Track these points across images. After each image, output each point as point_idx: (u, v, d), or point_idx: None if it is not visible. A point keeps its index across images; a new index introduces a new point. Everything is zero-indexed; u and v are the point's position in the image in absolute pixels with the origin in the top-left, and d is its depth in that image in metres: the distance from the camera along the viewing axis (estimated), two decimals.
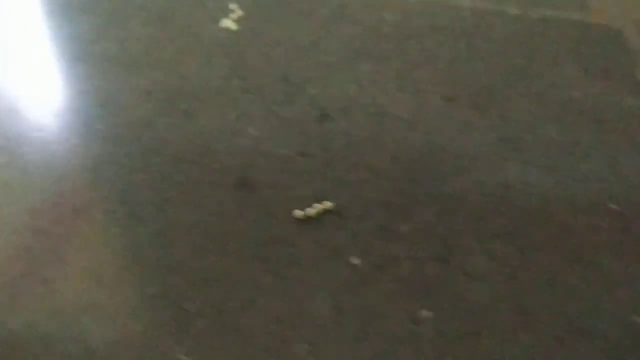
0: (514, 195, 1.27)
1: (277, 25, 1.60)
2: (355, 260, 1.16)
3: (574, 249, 1.19)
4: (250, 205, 1.23)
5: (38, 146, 1.34)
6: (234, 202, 1.24)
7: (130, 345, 1.05)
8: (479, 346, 1.06)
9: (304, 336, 1.07)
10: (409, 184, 1.27)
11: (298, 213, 1.21)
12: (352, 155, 1.32)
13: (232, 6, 1.66)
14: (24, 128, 1.39)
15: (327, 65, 1.50)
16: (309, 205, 1.23)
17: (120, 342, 1.05)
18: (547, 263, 1.17)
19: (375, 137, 1.35)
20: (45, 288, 1.11)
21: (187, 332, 1.07)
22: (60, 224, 1.20)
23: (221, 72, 1.49)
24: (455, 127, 1.37)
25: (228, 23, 1.61)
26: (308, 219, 1.21)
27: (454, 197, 1.26)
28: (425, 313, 1.10)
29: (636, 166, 1.31)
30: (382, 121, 1.38)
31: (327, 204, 1.22)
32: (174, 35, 1.59)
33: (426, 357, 1.05)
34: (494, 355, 1.04)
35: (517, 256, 1.17)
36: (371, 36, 1.57)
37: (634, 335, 1.08)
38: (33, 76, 1.53)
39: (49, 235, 1.18)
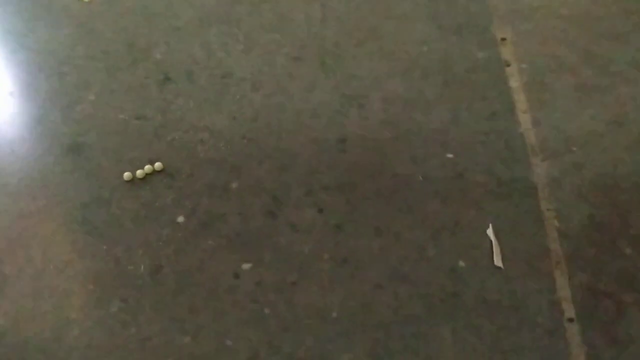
0: (350, 150, 1.27)
1: None
2: (181, 219, 1.14)
3: (405, 198, 1.19)
4: (79, 169, 1.22)
5: None
6: (63, 167, 1.22)
7: None
8: (296, 296, 1.06)
9: (119, 294, 1.06)
10: (244, 143, 1.26)
11: (127, 175, 1.20)
12: (190, 117, 1.31)
13: None
14: None
15: (176, 31, 1.49)
16: (141, 167, 1.21)
17: None
18: (374, 213, 1.17)
19: (216, 98, 1.34)
20: None
21: (2, 296, 1.05)
22: None
23: (67, 42, 1.46)
24: (299, 86, 1.37)
25: None
26: (137, 181, 1.19)
27: (288, 153, 1.26)
28: (246, 266, 1.09)
29: (476, 115, 1.32)
30: (226, 83, 1.38)
31: (158, 165, 1.21)
32: (25, 7, 1.56)
33: (244, 308, 1.05)
34: (311, 304, 1.04)
35: (346, 207, 1.17)
36: (225, 0, 1.56)
37: (456, 280, 1.08)
38: None
39: None
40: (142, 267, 1.08)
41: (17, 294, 1.06)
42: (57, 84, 1.37)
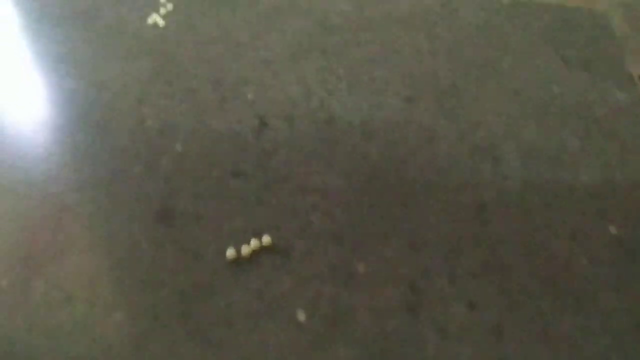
0: (492, 220, 0.95)
1: (212, 19, 1.26)
2: (301, 316, 0.82)
3: (571, 288, 0.87)
4: (170, 242, 0.89)
5: None
6: (151, 241, 0.89)
7: None
8: None
9: None
10: (365, 210, 0.94)
11: (230, 253, 0.88)
12: (296, 175, 0.98)
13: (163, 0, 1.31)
14: None
15: (267, 64, 1.17)
16: (245, 241, 0.89)
17: None
18: (536, 310, 0.84)
19: (323, 150, 1.02)
20: None
21: None
22: None
23: (143, 76, 1.14)
24: (417, 135, 1.04)
25: (156, 19, 1.25)
26: (243, 261, 0.87)
27: (418, 225, 0.93)
28: None
29: (632, 173, 0.99)
30: (332, 130, 1.05)
31: (266, 240, 0.89)
32: (96, 34, 1.23)
33: None
34: None
35: (500, 301, 0.85)
36: (320, 29, 1.23)
37: None
38: None
39: None
40: None
41: None
42: (134, 129, 1.04)
